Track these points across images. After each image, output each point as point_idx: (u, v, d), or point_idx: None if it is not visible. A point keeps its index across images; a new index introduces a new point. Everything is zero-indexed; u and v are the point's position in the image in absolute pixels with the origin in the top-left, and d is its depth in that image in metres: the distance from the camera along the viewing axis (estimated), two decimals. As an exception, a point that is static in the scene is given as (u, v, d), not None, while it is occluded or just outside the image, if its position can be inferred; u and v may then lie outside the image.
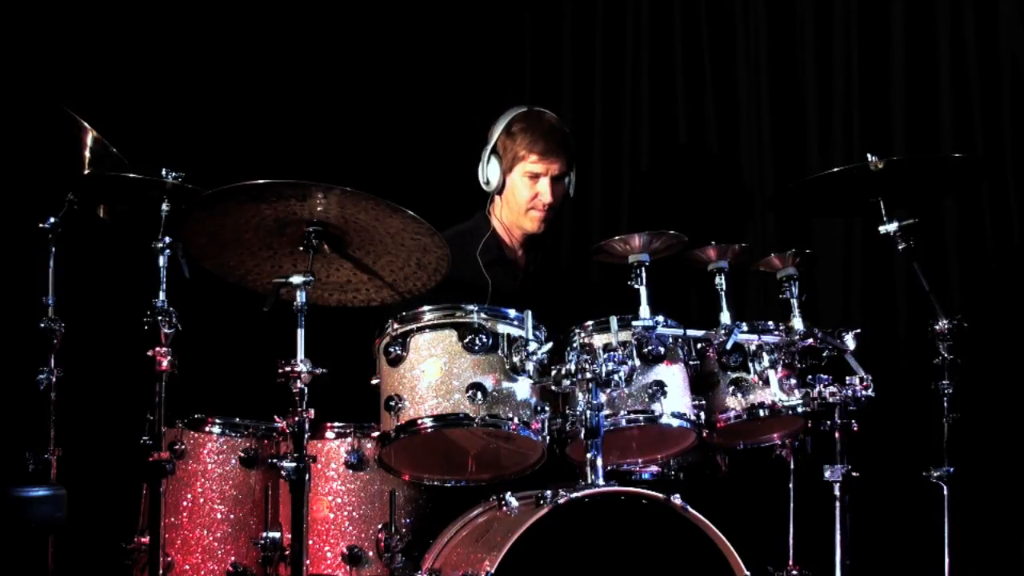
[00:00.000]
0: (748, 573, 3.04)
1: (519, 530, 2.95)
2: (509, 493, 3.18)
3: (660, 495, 3.05)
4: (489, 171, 3.98)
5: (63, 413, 3.54)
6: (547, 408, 3.28)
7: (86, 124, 3.59)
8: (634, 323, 3.29)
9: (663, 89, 4.79)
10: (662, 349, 3.33)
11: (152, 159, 3.46)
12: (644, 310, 3.29)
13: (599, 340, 3.32)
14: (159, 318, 3.25)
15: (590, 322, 3.36)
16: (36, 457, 3.50)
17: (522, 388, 3.27)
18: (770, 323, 3.43)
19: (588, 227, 4.83)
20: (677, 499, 3.05)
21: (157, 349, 3.25)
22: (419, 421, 3.23)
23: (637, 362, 3.28)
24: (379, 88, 4.85)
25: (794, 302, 3.43)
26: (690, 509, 3.05)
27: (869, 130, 4.39)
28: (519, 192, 3.95)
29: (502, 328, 3.28)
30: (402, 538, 3.40)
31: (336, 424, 3.48)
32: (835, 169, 3.71)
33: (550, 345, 3.30)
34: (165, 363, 3.26)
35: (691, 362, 3.41)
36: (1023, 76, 4.20)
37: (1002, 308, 4.15)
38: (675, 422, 3.32)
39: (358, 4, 4.86)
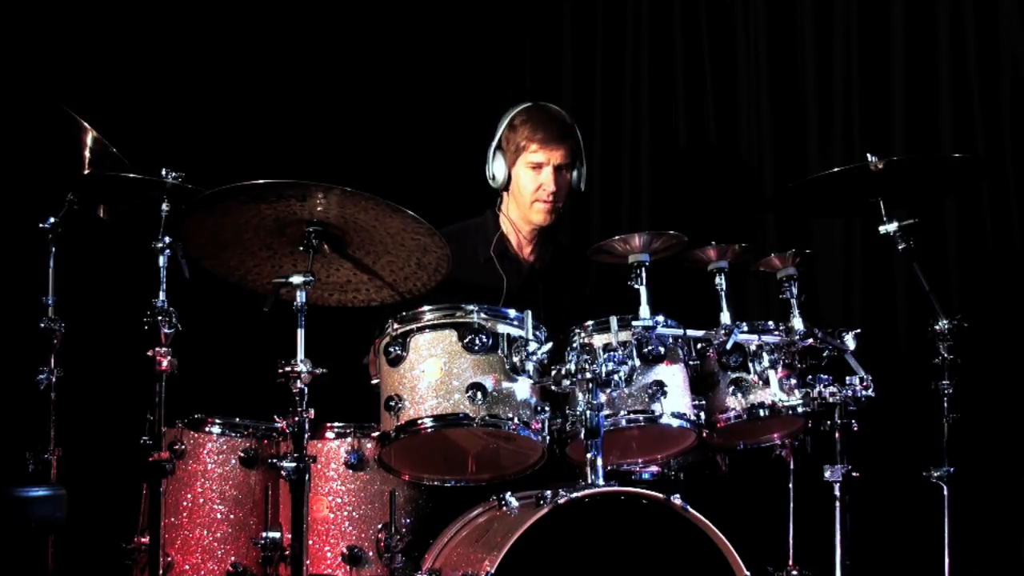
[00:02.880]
0: (748, 573, 3.04)
1: (519, 530, 2.95)
2: (509, 493, 3.19)
3: (660, 495, 3.05)
4: (495, 167, 3.98)
5: (63, 413, 3.54)
6: (547, 408, 3.29)
7: (86, 124, 3.59)
8: (634, 323, 3.29)
9: (663, 89, 4.79)
10: (662, 349, 3.33)
11: (152, 159, 3.46)
12: (644, 310, 3.29)
13: (599, 340, 3.32)
14: (159, 318, 3.25)
15: (590, 322, 3.36)
16: (36, 457, 3.50)
17: (522, 388, 3.27)
18: (770, 323, 3.43)
19: (588, 227, 4.82)
20: (677, 499, 3.05)
21: (157, 349, 3.25)
22: (419, 421, 3.23)
23: (637, 362, 3.28)
24: (379, 88, 4.85)
25: (794, 302, 3.43)
26: (690, 509, 3.05)
27: (869, 130, 4.39)
28: (523, 184, 3.96)
29: (502, 328, 3.28)
30: (402, 538, 3.40)
31: (336, 424, 3.48)
32: (835, 169, 3.71)
33: (550, 345, 3.30)
34: (165, 363, 3.26)
35: (691, 362, 3.41)
36: (1023, 76, 4.20)
37: (1002, 308, 4.15)
38: (675, 422, 3.32)
39: (358, 4, 4.86)
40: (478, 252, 3.99)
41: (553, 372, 3.24)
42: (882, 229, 3.63)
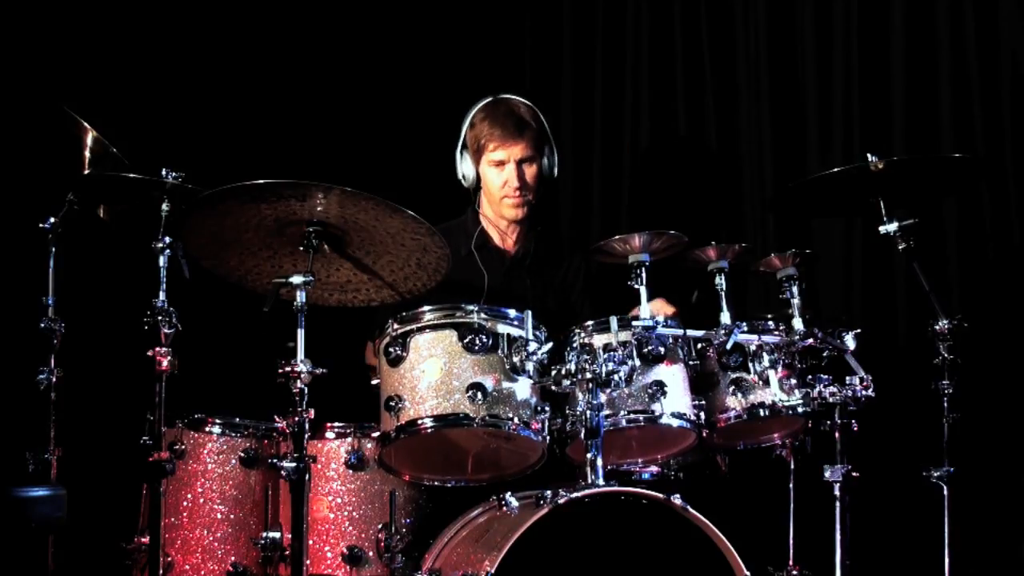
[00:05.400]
0: (748, 573, 3.04)
1: (519, 530, 2.95)
2: (509, 493, 3.19)
3: (660, 495, 3.05)
4: (464, 167, 4.02)
5: (63, 413, 3.53)
6: (547, 408, 3.29)
7: (86, 124, 3.58)
8: (634, 323, 3.29)
9: (663, 89, 4.79)
10: (662, 349, 3.33)
11: (152, 159, 3.46)
12: (644, 310, 3.29)
13: (599, 340, 3.32)
14: (159, 318, 3.25)
15: (590, 322, 3.36)
16: (36, 457, 3.50)
17: (522, 388, 3.27)
18: (770, 323, 3.43)
19: (588, 227, 4.82)
20: (677, 499, 3.05)
21: (157, 349, 3.25)
22: (419, 421, 3.23)
23: (637, 362, 3.29)
24: (379, 88, 4.85)
25: (794, 302, 3.43)
26: (690, 509, 3.05)
27: (869, 130, 4.39)
28: (490, 182, 3.98)
29: (502, 328, 3.28)
30: (402, 538, 3.40)
31: (336, 424, 3.48)
32: (835, 169, 3.71)
33: (550, 345, 3.30)
34: (165, 363, 3.26)
35: (691, 362, 3.40)
36: (1023, 76, 4.20)
37: (1002, 308, 4.15)
38: (675, 422, 3.32)
39: (358, 4, 4.86)
40: (459, 248, 3.99)
41: (553, 372, 3.24)
42: (882, 229, 3.64)
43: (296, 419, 3.07)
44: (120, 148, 3.61)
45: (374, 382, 3.40)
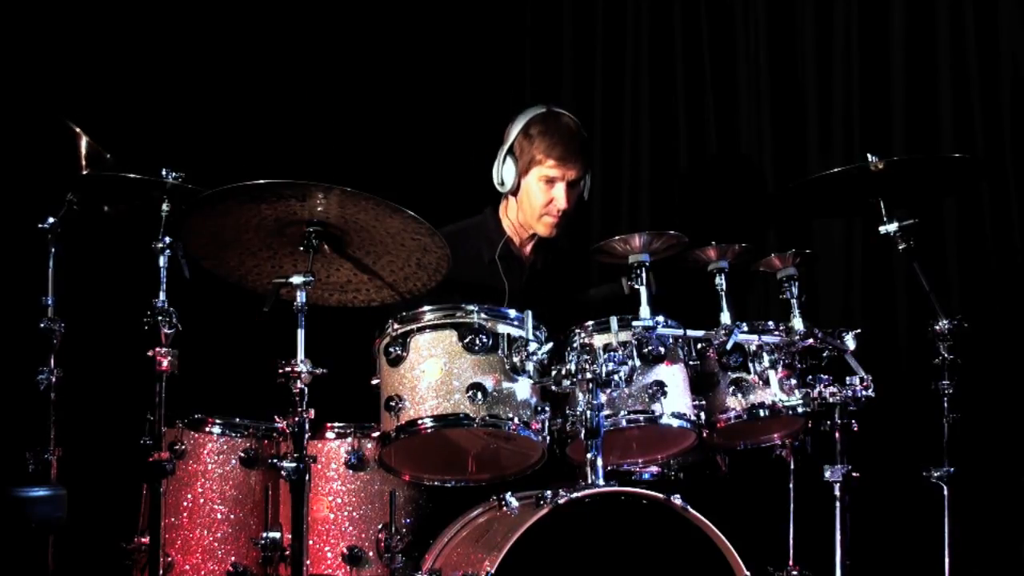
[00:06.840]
0: (748, 573, 3.04)
1: (519, 530, 2.95)
2: (509, 493, 3.19)
3: (660, 495, 3.05)
4: (504, 172, 3.93)
5: (63, 413, 3.53)
6: (547, 408, 3.28)
7: (78, 130, 3.57)
8: (634, 323, 3.29)
9: (663, 89, 4.79)
10: (662, 349, 3.33)
11: (152, 159, 3.46)
12: (644, 310, 3.29)
13: (599, 340, 3.32)
14: (159, 318, 3.25)
15: (590, 322, 3.36)
16: (36, 457, 3.50)
17: (522, 388, 3.27)
18: (770, 323, 3.43)
19: (588, 227, 4.82)
20: (677, 499, 3.05)
21: (157, 349, 3.26)
22: (419, 421, 3.23)
23: (637, 362, 3.29)
24: (379, 88, 4.85)
25: (794, 302, 3.43)
26: (690, 509, 3.05)
27: (869, 130, 4.40)
28: (533, 196, 3.91)
29: (502, 328, 3.28)
30: (402, 538, 3.40)
31: (336, 424, 3.48)
32: (835, 169, 3.70)
33: (550, 345, 3.30)
34: (165, 363, 3.26)
35: (691, 362, 3.41)
36: (1023, 76, 4.20)
37: (1002, 308, 4.15)
38: (675, 422, 3.32)
39: (358, 3, 4.86)
40: (482, 253, 3.98)
41: (553, 372, 3.24)
42: (882, 229, 3.64)
43: (296, 419, 3.08)
44: (120, 148, 3.61)
45: (374, 382, 3.40)
